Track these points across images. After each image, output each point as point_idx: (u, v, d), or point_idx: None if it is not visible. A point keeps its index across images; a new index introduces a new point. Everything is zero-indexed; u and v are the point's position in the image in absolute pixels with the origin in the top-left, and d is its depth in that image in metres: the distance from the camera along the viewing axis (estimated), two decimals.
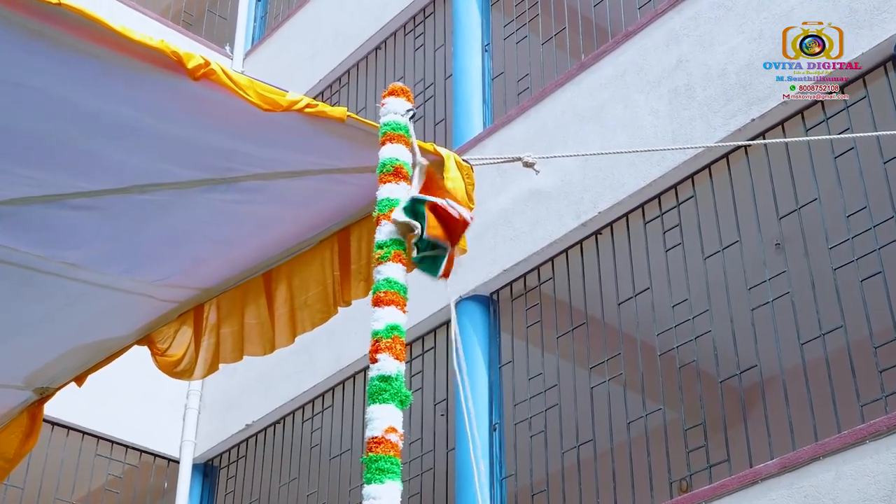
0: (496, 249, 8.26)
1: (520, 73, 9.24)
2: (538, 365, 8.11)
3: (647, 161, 7.43)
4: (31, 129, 3.31)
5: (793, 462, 5.93)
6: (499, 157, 3.97)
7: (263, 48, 12.44)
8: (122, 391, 9.94)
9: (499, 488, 7.75)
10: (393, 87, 3.59)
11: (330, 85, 11.20)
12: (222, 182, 3.67)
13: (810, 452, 5.88)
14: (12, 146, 3.38)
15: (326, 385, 9.57)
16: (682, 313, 7.34)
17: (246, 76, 3.35)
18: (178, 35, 12.05)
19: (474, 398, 8.03)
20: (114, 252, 3.93)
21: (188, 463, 10.57)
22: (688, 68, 7.47)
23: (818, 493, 5.75)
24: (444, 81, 9.84)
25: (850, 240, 6.48)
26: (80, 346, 4.43)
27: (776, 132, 6.85)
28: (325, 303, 4.06)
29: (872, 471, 5.57)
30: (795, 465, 5.90)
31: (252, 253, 4.13)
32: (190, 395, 10.80)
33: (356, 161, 3.63)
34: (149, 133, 3.38)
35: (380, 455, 3.06)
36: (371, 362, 3.20)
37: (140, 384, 9.96)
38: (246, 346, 4.24)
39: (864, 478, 5.59)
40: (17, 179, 3.51)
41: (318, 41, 11.46)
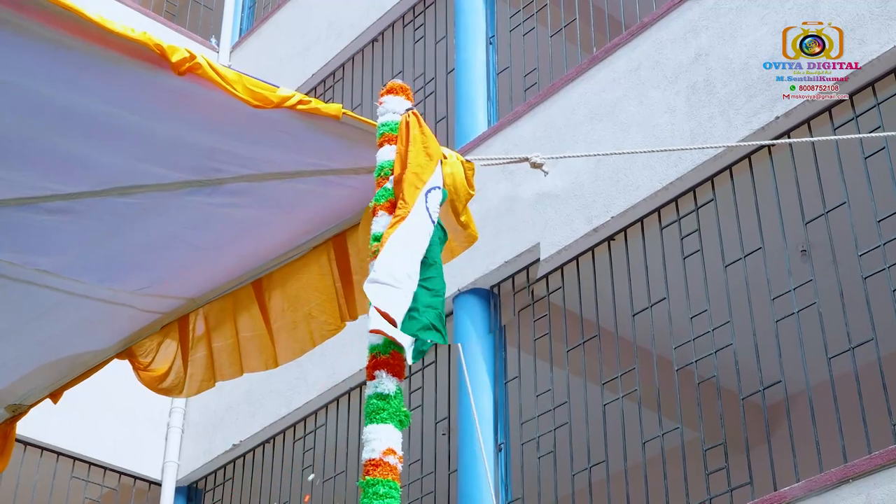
0: (497, 240, 8.20)
1: (527, 67, 9.23)
2: (547, 381, 8.10)
3: (664, 162, 7.42)
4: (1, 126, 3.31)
5: (820, 485, 5.91)
6: (505, 157, 3.98)
7: (252, 40, 12.44)
8: (100, 409, 9.93)
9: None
10: (391, 85, 3.60)
11: (323, 80, 11.19)
12: (208, 184, 3.67)
13: (839, 475, 5.86)
14: None
15: (319, 402, 9.55)
16: (700, 325, 7.33)
17: (234, 70, 3.35)
18: (161, 26, 12.06)
19: (478, 416, 8.02)
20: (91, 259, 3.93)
21: (171, 486, 10.55)
22: (707, 62, 7.47)
23: None
24: (445, 76, 9.83)
25: (882, 246, 6.48)
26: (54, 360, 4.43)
27: (802, 131, 6.84)
28: (332, 315, 4.06)
29: None
30: (823, 489, 5.89)
31: (240, 260, 4.13)
32: (173, 413, 10.78)
33: (352, 161, 3.63)
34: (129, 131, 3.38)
35: (378, 479, 3.06)
36: (368, 379, 3.20)
37: (120, 401, 9.96)
38: (244, 360, 4.24)
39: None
40: None
41: (310, 33, 11.46)
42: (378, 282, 3.14)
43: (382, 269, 3.15)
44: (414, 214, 3.28)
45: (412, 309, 3.16)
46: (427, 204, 3.34)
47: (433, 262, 3.30)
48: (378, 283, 3.14)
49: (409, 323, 3.15)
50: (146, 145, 3.43)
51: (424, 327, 3.17)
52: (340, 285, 3.97)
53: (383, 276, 3.15)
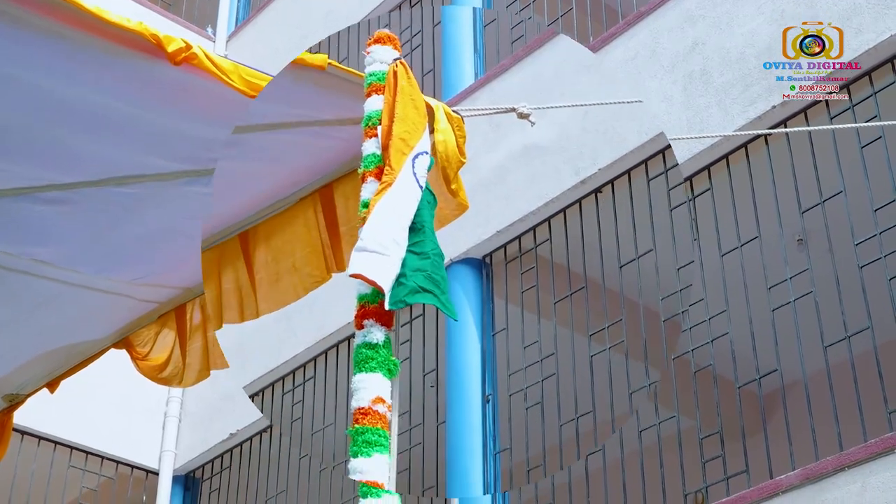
0: (489, 209, 8.16)
1: (513, 19, 9.12)
2: (534, 332, 8.08)
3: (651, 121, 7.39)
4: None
5: (816, 473, 5.93)
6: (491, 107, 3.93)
7: (248, 29, 12.41)
8: (97, 398, 9.94)
9: (493, 463, 7.73)
10: (379, 34, 3.56)
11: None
12: (205, 174, 3.66)
13: (834, 463, 5.88)
14: None
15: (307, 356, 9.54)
16: (697, 313, 7.33)
17: (230, 60, 3.34)
18: (157, 16, 12.04)
19: (466, 368, 8.00)
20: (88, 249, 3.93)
21: (168, 475, 10.57)
22: (704, 52, 7.47)
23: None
24: (432, 29, 9.75)
25: (878, 235, 6.49)
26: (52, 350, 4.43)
27: (799, 120, 6.84)
28: (317, 266, 4.03)
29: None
30: (819, 477, 5.90)
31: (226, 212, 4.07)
32: (170, 403, 10.79)
33: (338, 113, 3.60)
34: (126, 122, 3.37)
35: (367, 427, 3.06)
36: (357, 328, 3.19)
37: (117, 391, 9.97)
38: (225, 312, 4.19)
39: (892, 490, 5.60)
40: None
41: (307, 22, 11.43)
42: (365, 249, 3.14)
43: (369, 236, 3.16)
44: (400, 180, 3.28)
45: (400, 275, 3.17)
46: (414, 170, 3.33)
47: (422, 227, 3.29)
48: (366, 251, 3.14)
49: (396, 289, 3.16)
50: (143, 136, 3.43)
51: (412, 291, 3.16)
52: (327, 237, 3.93)
53: (370, 243, 3.15)
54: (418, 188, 3.32)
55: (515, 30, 9.00)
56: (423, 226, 3.30)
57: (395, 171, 3.28)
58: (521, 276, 8.16)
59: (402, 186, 3.28)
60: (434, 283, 3.23)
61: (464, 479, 7.67)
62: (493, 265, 8.35)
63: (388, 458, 3.05)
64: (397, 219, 3.23)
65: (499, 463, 7.78)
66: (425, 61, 9.65)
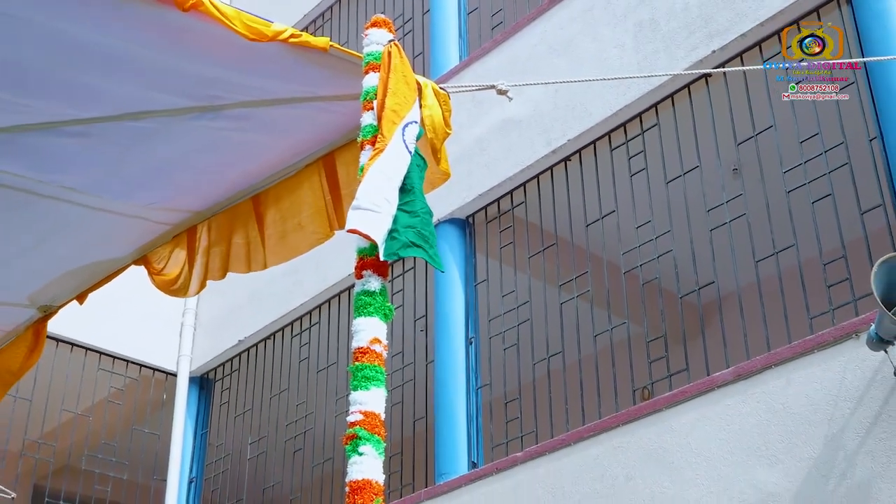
0: (472, 175, 8.23)
1: (494, 7, 9.13)
2: (511, 283, 8.12)
3: (614, 91, 7.37)
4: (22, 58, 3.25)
5: (747, 370, 5.98)
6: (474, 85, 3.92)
7: None
8: (121, 309, 9.92)
9: (474, 397, 7.81)
10: (376, 19, 3.55)
11: (314, 20, 11.04)
12: (210, 109, 3.62)
13: (763, 362, 5.92)
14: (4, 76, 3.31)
15: (313, 303, 9.58)
16: (645, 234, 7.35)
17: (232, 7, 3.28)
18: None
19: (451, 314, 8.05)
20: (108, 176, 3.88)
21: (185, 376, 10.60)
22: (652, 3, 7.39)
23: (770, 399, 5.82)
24: (422, 16, 9.71)
25: (803, 164, 6.48)
26: (79, 267, 4.40)
27: (735, 63, 6.80)
28: (321, 224, 4.03)
29: (820, 378, 5.63)
30: (749, 374, 5.95)
31: (240, 178, 4.09)
32: (186, 313, 10.80)
33: (339, 89, 3.59)
34: (138, 62, 3.32)
35: (365, 364, 3.08)
36: (357, 278, 3.19)
37: (139, 302, 9.93)
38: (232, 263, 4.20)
39: (812, 384, 5.65)
40: (12, 107, 3.45)
41: None
42: (360, 208, 3.13)
43: (363, 196, 3.15)
44: (391, 147, 3.27)
45: (393, 230, 3.16)
46: (404, 137, 3.32)
47: (412, 188, 3.28)
48: (360, 209, 3.13)
49: (390, 243, 3.15)
50: (154, 75, 3.37)
51: (404, 245, 3.16)
52: (330, 198, 3.94)
53: (364, 202, 3.14)
54: (407, 153, 3.31)
55: (495, 17, 9.00)
56: (414, 187, 3.29)
57: (386, 139, 3.27)
58: (499, 234, 8.19)
59: (393, 152, 3.27)
60: (423, 238, 3.22)
61: (450, 411, 7.75)
62: (475, 224, 8.35)
63: (383, 391, 3.06)
64: (388, 180, 3.22)
65: (480, 396, 7.86)
66: (416, 44, 9.61)
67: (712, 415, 6.03)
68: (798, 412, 5.65)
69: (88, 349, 10.18)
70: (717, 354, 6.98)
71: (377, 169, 3.21)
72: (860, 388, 5.43)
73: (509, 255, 8.20)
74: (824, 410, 5.55)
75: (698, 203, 7.14)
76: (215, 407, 10.57)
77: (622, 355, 7.46)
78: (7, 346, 4.74)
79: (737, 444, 5.87)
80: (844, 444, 5.42)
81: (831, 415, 5.51)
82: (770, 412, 5.78)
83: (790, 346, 5.87)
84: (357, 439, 2.97)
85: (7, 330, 4.70)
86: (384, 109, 3.33)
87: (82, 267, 4.41)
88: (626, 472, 6.36)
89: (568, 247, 7.96)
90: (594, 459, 6.55)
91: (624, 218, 7.50)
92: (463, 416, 7.68)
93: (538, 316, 7.96)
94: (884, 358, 5.32)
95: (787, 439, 5.66)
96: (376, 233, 3.12)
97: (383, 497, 2.95)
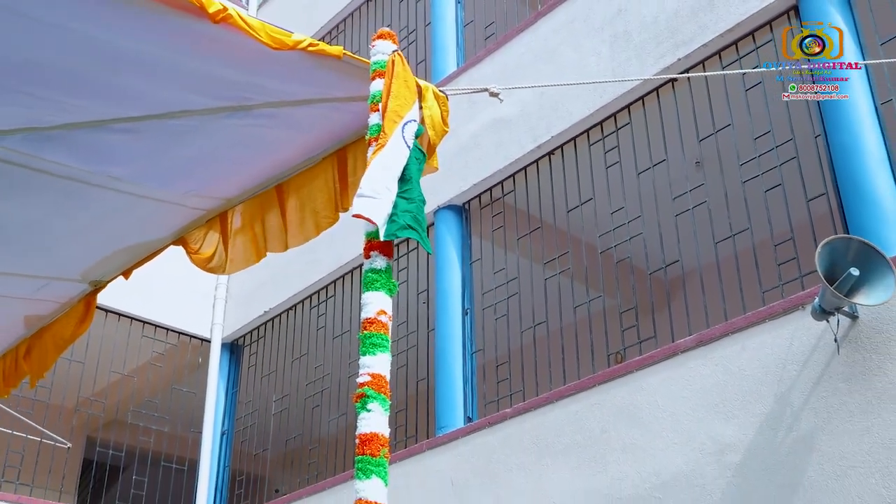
0: (467, 167, 8.21)
1: (486, 21, 9.09)
2: (502, 261, 8.13)
3: (592, 94, 7.35)
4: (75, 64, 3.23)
5: (707, 338, 5.99)
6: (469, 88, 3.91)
7: (273, 1, 12.18)
8: (162, 284, 9.93)
9: (469, 361, 7.82)
10: (381, 32, 3.53)
11: (329, 31, 11.00)
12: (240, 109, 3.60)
13: (721, 330, 5.94)
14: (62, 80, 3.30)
15: (329, 279, 9.58)
16: (618, 219, 7.35)
17: (257, 19, 3.26)
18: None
19: (450, 289, 8.05)
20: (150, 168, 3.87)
21: (218, 342, 10.61)
22: (626, 17, 7.36)
23: (727, 363, 5.83)
24: (423, 28, 9.68)
25: (757, 158, 6.48)
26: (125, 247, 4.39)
27: (698, 69, 6.79)
28: (332, 210, 4.01)
29: (770, 344, 5.64)
30: (709, 340, 5.97)
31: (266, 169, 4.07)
32: (218, 288, 10.81)
33: (351, 92, 3.57)
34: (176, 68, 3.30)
35: (373, 332, 3.07)
36: (365, 258, 3.19)
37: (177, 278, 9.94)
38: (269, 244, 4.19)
39: (763, 349, 5.67)
40: (67, 108, 3.43)
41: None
42: (363, 195, 3.13)
43: (366, 185, 3.14)
44: (392, 142, 3.26)
45: (392, 214, 3.16)
46: (403, 134, 3.31)
47: (410, 178, 3.28)
48: (364, 196, 3.13)
49: (389, 225, 3.14)
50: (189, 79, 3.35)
51: (401, 227, 3.15)
52: (339, 187, 3.92)
53: (367, 190, 3.14)
54: (406, 148, 3.30)
55: (488, 29, 8.99)
56: (412, 177, 3.29)
57: (387, 136, 3.26)
58: (492, 218, 8.19)
59: (393, 147, 3.26)
60: (417, 223, 3.22)
61: (448, 373, 7.75)
62: (470, 210, 8.35)
63: (389, 356, 3.06)
64: (388, 171, 3.21)
65: (474, 360, 7.87)
66: (419, 52, 9.58)
67: (677, 376, 6.05)
68: (751, 374, 5.67)
69: (133, 319, 10.19)
70: (681, 324, 7.00)
71: (378, 161, 3.20)
72: (805, 353, 5.44)
73: (500, 237, 8.21)
74: (774, 372, 5.56)
75: (665, 192, 7.14)
76: (244, 369, 10.59)
77: (598, 324, 7.47)
78: (62, 315, 4.74)
79: (698, 401, 5.89)
80: (791, 401, 5.44)
81: (780, 376, 5.52)
82: (727, 374, 5.79)
83: (745, 316, 5.88)
84: (366, 398, 2.98)
85: (62, 302, 4.70)
86: (387, 110, 3.32)
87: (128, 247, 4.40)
88: (601, 425, 6.38)
89: (551, 230, 7.97)
90: (574, 414, 6.57)
91: (600, 205, 7.49)
92: (459, 378, 7.69)
93: (525, 290, 7.97)
94: (826, 327, 5.33)
95: (741, 397, 5.67)
96: (377, 216, 3.12)
97: (389, 447, 2.96)
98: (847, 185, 5.66)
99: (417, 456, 7.60)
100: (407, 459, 7.64)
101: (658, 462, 5.95)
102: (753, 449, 5.53)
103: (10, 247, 4.24)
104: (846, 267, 4.95)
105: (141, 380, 10.94)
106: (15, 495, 8.92)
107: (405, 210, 3.20)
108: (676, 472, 5.83)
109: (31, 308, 4.69)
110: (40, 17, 2.98)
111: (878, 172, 5.58)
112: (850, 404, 5.17)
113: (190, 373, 10.95)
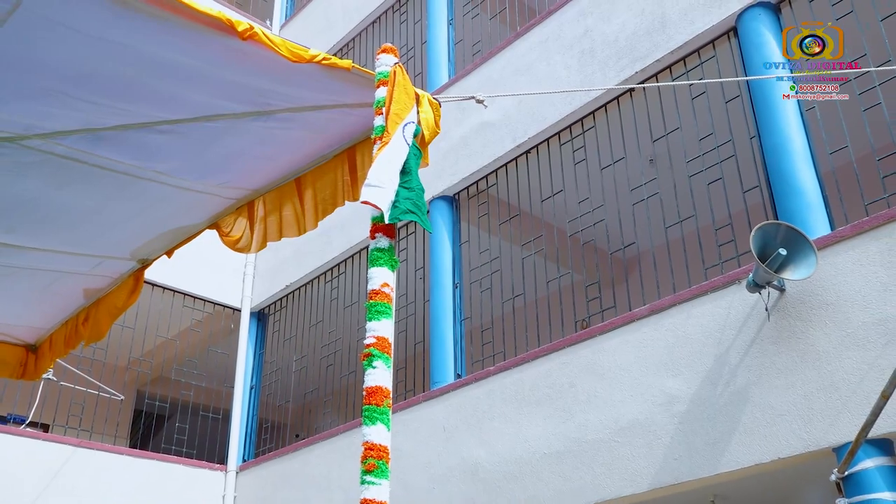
0: (457, 163, 8.19)
1: (474, 39, 9.04)
2: (486, 243, 8.13)
3: (563, 101, 7.33)
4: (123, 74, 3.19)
5: (658, 307, 6.00)
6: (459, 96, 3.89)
7: (293, 21, 12.10)
8: (199, 262, 9.90)
9: (459, 327, 7.83)
10: (385, 47, 3.52)
11: (341, 48, 10.94)
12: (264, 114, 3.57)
13: (670, 301, 5.95)
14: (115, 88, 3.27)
15: (341, 258, 9.56)
16: (584, 207, 7.35)
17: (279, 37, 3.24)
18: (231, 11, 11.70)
19: (442, 266, 8.05)
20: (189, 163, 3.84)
21: (247, 311, 10.59)
22: (591, 37, 7.33)
23: (675, 328, 5.84)
24: (420, 46, 9.63)
25: (701, 156, 6.47)
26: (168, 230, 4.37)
27: (652, 81, 6.77)
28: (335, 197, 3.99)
29: (712, 312, 5.65)
30: (660, 310, 5.98)
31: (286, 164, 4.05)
32: (247, 265, 10.78)
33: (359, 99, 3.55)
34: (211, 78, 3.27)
35: (378, 301, 3.06)
36: (371, 239, 3.18)
37: (212, 257, 9.93)
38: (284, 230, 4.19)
39: (706, 317, 5.68)
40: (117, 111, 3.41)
41: (331, 16, 11.16)
42: (370, 185, 3.12)
43: (373, 176, 3.14)
44: (394, 141, 3.25)
45: (395, 201, 3.15)
46: (403, 133, 3.30)
47: (409, 171, 3.27)
48: (370, 185, 3.12)
49: (392, 210, 3.14)
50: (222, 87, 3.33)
51: (403, 211, 3.15)
52: (348, 178, 3.90)
53: (373, 180, 3.13)
54: (406, 145, 3.29)
55: (475, 46, 8.98)
56: (411, 170, 3.28)
57: (390, 135, 3.25)
58: (478, 207, 8.18)
59: (395, 144, 3.25)
60: (417, 207, 3.21)
61: (441, 337, 7.74)
62: (460, 200, 8.32)
63: (391, 322, 3.06)
64: (391, 165, 3.20)
65: (463, 326, 7.87)
66: (416, 66, 9.53)
67: (633, 339, 6.06)
68: (695, 337, 5.68)
69: (175, 291, 10.16)
70: (636, 295, 7.00)
71: (383, 157, 3.20)
72: (741, 320, 5.46)
73: (485, 222, 8.20)
74: (714, 336, 5.57)
75: (624, 185, 7.13)
76: (269, 334, 10.59)
77: (567, 296, 7.48)
78: (114, 288, 4.72)
79: (650, 360, 5.91)
80: (729, 360, 5.46)
81: (719, 339, 5.54)
82: (675, 337, 5.81)
83: (690, 289, 5.89)
84: (372, 356, 2.97)
85: (114, 277, 4.68)
86: (390, 113, 3.31)
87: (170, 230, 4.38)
88: (569, 380, 6.40)
89: (528, 217, 7.97)
90: (546, 371, 6.59)
91: (569, 195, 7.49)
92: (450, 341, 7.70)
93: (506, 267, 7.98)
94: (758, 298, 5.34)
95: (687, 357, 5.69)
96: (382, 203, 3.12)
97: (391, 398, 2.96)
98: (777, 178, 5.67)
99: (415, 406, 7.62)
100: (406, 409, 7.66)
101: (617, 411, 5.97)
102: (697, 400, 5.55)
103: (71, 230, 4.22)
104: (776, 247, 4.96)
105: (182, 343, 10.93)
106: (77, 439, 8.93)
107: (406, 197, 3.19)
108: (632, 419, 5.85)
109: (89, 282, 4.67)
110: (101, 35, 2.96)
111: (803, 168, 5.59)
112: (778, 363, 5.19)
113: (223, 337, 10.94)
